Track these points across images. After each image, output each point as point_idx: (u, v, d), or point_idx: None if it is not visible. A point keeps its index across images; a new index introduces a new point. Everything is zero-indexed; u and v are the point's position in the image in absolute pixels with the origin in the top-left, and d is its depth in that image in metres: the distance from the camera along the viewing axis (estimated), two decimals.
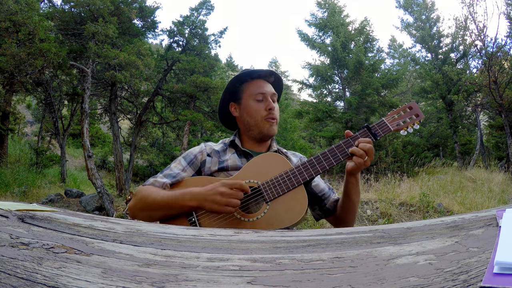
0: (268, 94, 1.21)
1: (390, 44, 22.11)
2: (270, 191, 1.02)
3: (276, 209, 1.01)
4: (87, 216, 0.67)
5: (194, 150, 1.21)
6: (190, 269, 0.41)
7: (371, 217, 6.43)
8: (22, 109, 15.08)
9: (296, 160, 1.29)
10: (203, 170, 1.16)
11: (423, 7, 14.33)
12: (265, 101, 1.20)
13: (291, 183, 1.02)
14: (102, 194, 7.99)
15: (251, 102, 1.21)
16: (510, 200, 7.02)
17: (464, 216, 0.59)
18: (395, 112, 1.13)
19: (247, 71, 1.25)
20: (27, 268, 0.37)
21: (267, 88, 1.22)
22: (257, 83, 1.23)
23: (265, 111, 1.19)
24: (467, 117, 14.87)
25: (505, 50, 10.16)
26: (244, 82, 1.24)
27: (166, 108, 13.64)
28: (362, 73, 12.36)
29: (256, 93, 1.20)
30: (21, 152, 12.14)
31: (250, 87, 1.22)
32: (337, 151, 1.05)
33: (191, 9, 13.24)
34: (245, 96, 1.23)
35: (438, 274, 0.36)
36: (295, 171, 1.03)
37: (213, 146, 1.24)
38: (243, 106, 1.22)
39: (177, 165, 1.17)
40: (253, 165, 1.09)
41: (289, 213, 1.00)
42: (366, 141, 1.03)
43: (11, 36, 7.00)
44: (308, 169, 1.03)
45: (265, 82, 1.24)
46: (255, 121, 1.19)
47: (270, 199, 1.01)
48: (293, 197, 1.01)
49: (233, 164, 1.16)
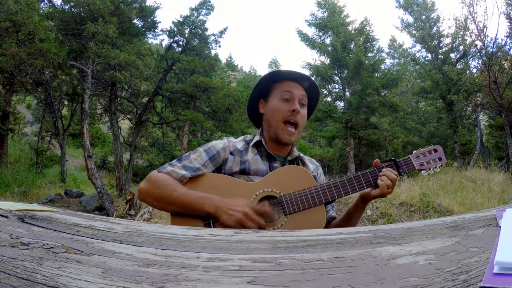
0: (296, 95, 1.16)
1: (390, 44, 22.13)
2: (291, 204, 1.03)
3: (294, 223, 1.02)
4: (87, 216, 0.67)
5: (218, 145, 1.15)
6: (190, 269, 0.41)
7: (371, 217, 6.43)
8: (22, 109, 15.09)
9: (313, 168, 1.28)
10: (224, 168, 1.13)
11: (423, 7, 14.33)
12: (291, 101, 1.16)
13: (313, 200, 1.03)
14: (102, 194, 7.99)
15: (276, 101, 1.17)
16: (510, 200, 7.02)
17: (464, 216, 0.59)
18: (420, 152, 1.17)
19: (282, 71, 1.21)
20: (27, 268, 0.37)
21: (296, 89, 1.18)
22: (288, 83, 1.19)
23: (287, 112, 1.14)
24: (467, 117, 14.87)
25: (505, 50, 10.16)
26: (276, 81, 1.21)
27: (166, 108, 13.64)
28: (362, 73, 12.37)
29: (284, 91, 1.17)
30: (21, 152, 12.15)
31: (280, 86, 1.19)
32: (362, 178, 1.07)
33: (191, 9, 13.26)
34: (273, 93, 1.20)
35: (438, 274, 0.36)
36: (318, 190, 1.05)
37: (236, 144, 1.19)
38: (269, 104, 1.20)
39: (197, 158, 1.11)
40: (277, 175, 1.08)
41: (307, 229, 1.01)
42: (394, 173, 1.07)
43: (11, 36, 7.00)
44: (332, 191, 1.05)
45: (297, 85, 1.19)
46: (275, 121, 1.16)
47: (290, 212, 1.02)
48: (312, 215, 1.03)
49: (254, 167, 1.13)
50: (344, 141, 13.40)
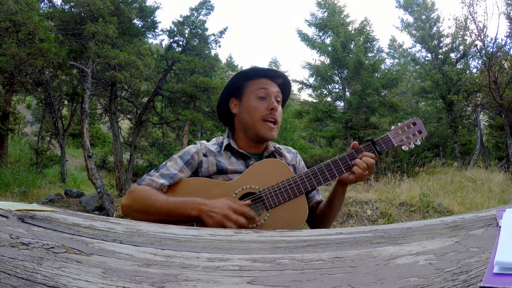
0: (272, 92, 1.14)
1: (390, 44, 22.11)
2: (272, 199, 1.02)
3: (276, 217, 1.01)
4: (87, 216, 0.67)
5: (191, 150, 1.15)
6: (190, 269, 0.41)
7: (371, 217, 6.43)
8: (22, 109, 15.08)
9: (291, 157, 1.27)
10: (200, 171, 1.12)
11: (423, 7, 14.33)
12: (268, 99, 1.13)
13: (293, 192, 1.02)
14: (102, 194, 7.99)
15: (252, 99, 1.14)
16: (510, 200, 7.02)
17: (464, 216, 0.59)
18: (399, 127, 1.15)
19: (255, 68, 1.18)
20: (27, 268, 0.37)
21: (271, 86, 1.15)
22: (262, 81, 1.16)
23: (265, 111, 1.12)
24: (467, 117, 14.86)
25: (505, 50, 10.16)
26: (249, 79, 1.17)
27: (166, 108, 13.64)
28: (362, 73, 12.36)
29: (259, 89, 1.13)
30: (21, 152, 12.15)
31: (254, 84, 1.16)
32: (340, 163, 1.06)
33: (191, 9, 13.25)
34: (247, 92, 1.16)
35: (438, 274, 0.36)
36: (297, 180, 1.03)
37: (208, 145, 1.18)
38: (243, 103, 1.16)
39: (173, 164, 1.11)
40: (254, 170, 1.08)
41: (288, 222, 1.01)
42: (370, 155, 1.04)
43: (11, 36, 7.00)
44: (310, 179, 1.04)
45: (271, 82, 1.17)
46: (253, 121, 1.13)
47: (271, 206, 1.01)
48: (293, 206, 1.02)
49: (231, 167, 1.12)
50: (344, 141, 13.40)
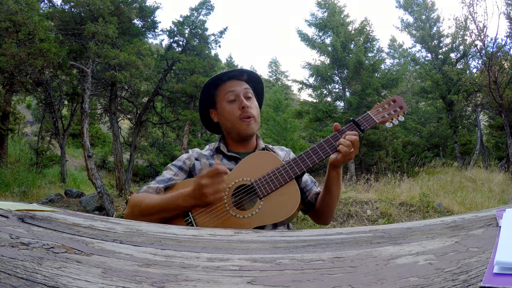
0: (239, 92, 1.19)
1: (390, 44, 22.12)
2: (263, 187, 1.04)
3: (270, 204, 1.03)
4: (87, 216, 0.67)
5: (183, 157, 1.22)
6: (190, 269, 0.41)
7: (371, 217, 6.43)
8: (22, 109, 15.08)
9: (284, 154, 1.30)
10: (195, 173, 1.18)
11: (423, 7, 14.33)
12: (238, 100, 1.18)
13: (283, 178, 1.04)
14: (102, 194, 7.99)
15: (224, 105, 1.20)
16: (510, 200, 7.02)
17: (464, 216, 0.59)
18: (379, 105, 1.17)
19: (217, 75, 1.23)
20: (27, 268, 0.37)
21: (237, 86, 1.20)
22: (227, 84, 1.21)
23: (238, 111, 1.17)
24: (467, 117, 14.87)
25: (505, 50, 10.16)
26: (217, 86, 1.23)
27: (166, 108, 13.63)
28: (362, 73, 12.36)
29: (227, 94, 1.19)
30: (21, 152, 12.15)
31: (221, 90, 1.21)
32: (325, 145, 1.08)
33: (191, 9, 13.24)
34: (219, 99, 1.22)
35: (438, 274, 0.36)
36: (286, 167, 1.06)
37: (201, 151, 1.25)
38: (219, 111, 1.22)
39: (168, 171, 1.18)
40: (245, 164, 1.11)
41: (283, 207, 1.02)
42: (352, 133, 1.07)
43: (11, 36, 7.00)
44: (298, 164, 1.06)
45: (236, 81, 1.22)
46: (231, 123, 1.18)
47: (264, 195, 1.03)
48: (286, 192, 1.03)
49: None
50: None
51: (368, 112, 1.14)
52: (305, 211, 1.27)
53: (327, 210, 1.20)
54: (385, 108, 1.16)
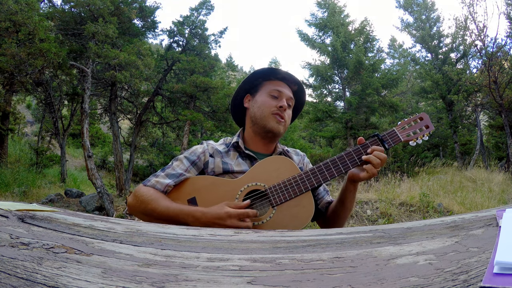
0: (285, 94, 1.18)
1: (390, 44, 22.10)
2: (277, 196, 1.01)
3: (282, 214, 1.00)
4: (87, 216, 0.67)
5: (197, 150, 1.17)
6: (190, 269, 0.41)
7: (371, 217, 6.43)
8: (22, 109, 15.08)
9: (298, 159, 1.27)
10: (206, 171, 1.13)
11: (423, 7, 14.32)
12: (279, 99, 1.17)
13: (299, 188, 1.00)
14: (102, 194, 7.99)
15: (264, 96, 1.18)
16: (510, 200, 7.02)
17: (464, 216, 0.59)
18: (405, 122, 1.11)
19: (273, 69, 1.22)
20: (27, 268, 0.37)
21: (285, 89, 1.19)
22: (278, 83, 1.20)
23: (275, 107, 1.15)
24: (467, 117, 14.86)
25: (505, 50, 10.16)
26: (266, 79, 1.22)
27: (166, 108, 13.63)
28: (362, 73, 12.36)
29: (273, 89, 1.18)
30: (21, 152, 12.15)
31: (270, 84, 1.20)
32: (347, 158, 1.03)
33: (191, 9, 13.25)
34: (262, 90, 1.20)
35: (438, 274, 0.36)
36: (303, 177, 1.02)
37: (216, 146, 1.20)
38: (256, 98, 1.20)
39: (179, 164, 1.12)
40: (260, 168, 1.07)
41: (295, 219, 0.99)
42: (380, 149, 1.01)
43: (11, 36, 7.00)
44: (316, 176, 1.02)
45: (286, 85, 1.21)
46: (262, 113, 1.16)
47: (277, 203, 1.00)
48: (299, 203, 1.00)
49: (238, 168, 1.13)
50: (344, 141, 13.40)
51: (394, 129, 1.08)
52: (314, 218, 1.24)
53: (338, 221, 1.17)
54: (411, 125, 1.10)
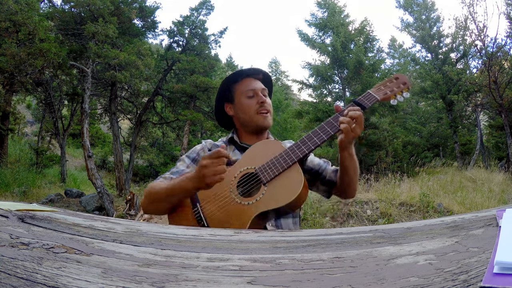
0: (258, 89, 1.27)
1: (390, 44, 22.11)
2: (266, 173, 1.05)
3: (274, 189, 1.03)
4: (87, 216, 0.67)
5: (196, 148, 1.30)
6: (190, 269, 0.41)
7: (371, 217, 6.43)
8: (22, 109, 15.07)
9: None
10: None
11: (423, 7, 14.32)
12: (256, 96, 1.26)
13: (285, 162, 1.04)
14: (102, 194, 7.99)
15: (243, 100, 1.27)
16: (510, 200, 7.02)
17: (464, 216, 0.59)
18: (381, 84, 1.14)
19: (236, 72, 1.33)
20: (27, 268, 0.37)
21: (256, 84, 1.29)
22: (246, 81, 1.29)
23: (257, 105, 1.25)
24: (467, 117, 14.86)
25: (505, 50, 10.16)
26: (234, 82, 1.31)
27: (166, 108, 13.64)
28: (362, 73, 12.36)
29: (247, 90, 1.27)
30: (21, 152, 12.15)
31: (241, 86, 1.29)
32: (326, 126, 1.07)
33: (191, 9, 13.24)
34: (237, 95, 1.29)
35: (438, 274, 0.36)
36: (288, 151, 1.06)
37: (214, 142, 1.32)
38: (237, 105, 1.29)
39: (182, 163, 1.26)
40: (250, 154, 1.14)
41: (286, 190, 1.02)
42: (354, 109, 1.05)
43: (11, 36, 7.00)
44: (300, 147, 1.06)
45: (254, 80, 1.30)
46: (249, 117, 1.25)
47: (267, 180, 1.04)
48: (289, 175, 1.03)
49: (235, 158, 1.22)
50: None
51: (369, 91, 1.12)
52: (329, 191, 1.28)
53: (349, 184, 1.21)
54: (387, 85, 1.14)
